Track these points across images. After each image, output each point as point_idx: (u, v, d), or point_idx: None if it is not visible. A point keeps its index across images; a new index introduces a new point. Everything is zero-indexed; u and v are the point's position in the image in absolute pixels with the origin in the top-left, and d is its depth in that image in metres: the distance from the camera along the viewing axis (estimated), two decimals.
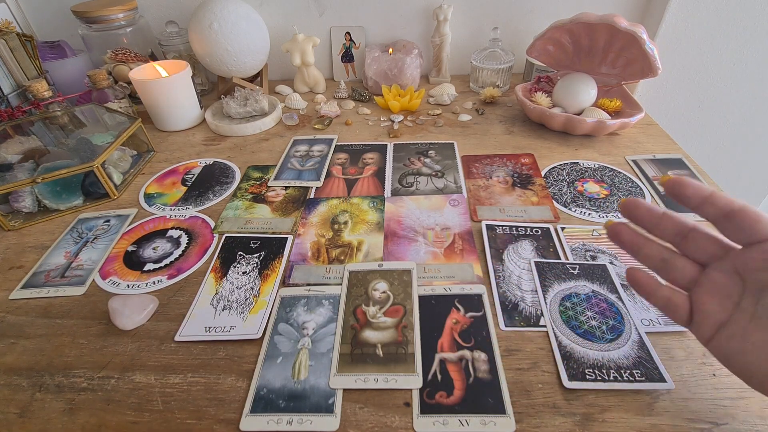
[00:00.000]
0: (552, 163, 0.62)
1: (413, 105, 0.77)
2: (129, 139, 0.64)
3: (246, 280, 0.46)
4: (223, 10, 0.73)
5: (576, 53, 0.69)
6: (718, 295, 0.28)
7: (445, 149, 0.66)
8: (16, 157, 0.59)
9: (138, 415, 0.34)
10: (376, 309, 0.41)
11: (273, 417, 0.33)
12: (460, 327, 0.39)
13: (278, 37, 0.88)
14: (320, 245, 0.50)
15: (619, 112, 0.67)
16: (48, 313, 0.44)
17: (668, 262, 0.30)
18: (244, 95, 0.76)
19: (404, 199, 0.56)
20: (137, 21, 0.83)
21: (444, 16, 0.82)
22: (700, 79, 0.87)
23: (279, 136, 0.74)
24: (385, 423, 0.33)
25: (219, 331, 0.40)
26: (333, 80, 0.94)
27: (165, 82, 0.71)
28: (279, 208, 0.56)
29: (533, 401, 0.34)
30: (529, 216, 0.52)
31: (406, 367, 0.36)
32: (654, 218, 0.30)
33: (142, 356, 0.39)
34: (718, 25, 0.80)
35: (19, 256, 0.51)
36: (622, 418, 0.32)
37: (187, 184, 0.62)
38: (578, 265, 0.45)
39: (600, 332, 0.38)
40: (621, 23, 0.57)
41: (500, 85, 0.82)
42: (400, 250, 0.48)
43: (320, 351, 0.38)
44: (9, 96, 0.71)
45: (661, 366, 0.35)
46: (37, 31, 0.90)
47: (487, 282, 0.44)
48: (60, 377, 0.38)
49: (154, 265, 0.49)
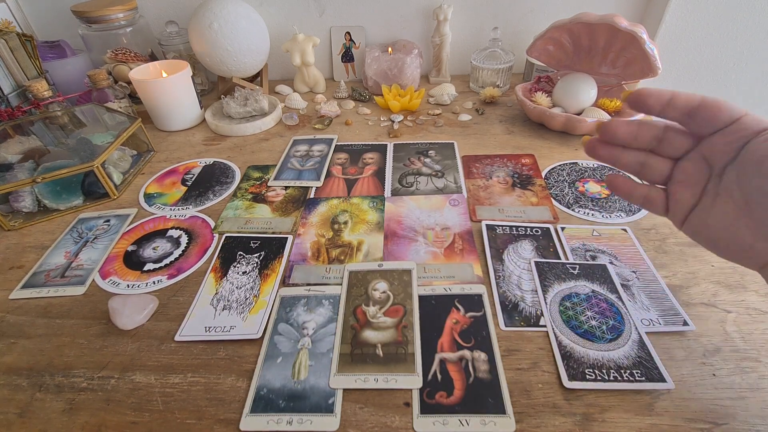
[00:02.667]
0: (552, 164, 0.62)
1: (413, 105, 0.77)
2: (129, 139, 0.64)
3: (246, 280, 0.46)
4: (223, 10, 0.73)
5: (576, 53, 0.69)
6: (688, 183, 0.30)
7: (445, 149, 0.66)
8: (16, 157, 0.59)
9: (138, 415, 0.34)
10: (376, 309, 0.41)
11: (273, 417, 0.33)
12: (460, 327, 0.39)
13: (278, 37, 0.88)
14: (320, 245, 0.50)
15: (619, 112, 0.67)
16: (48, 313, 0.44)
17: (645, 164, 0.32)
18: (244, 95, 0.76)
19: (404, 199, 0.56)
20: (137, 21, 0.83)
21: (444, 16, 0.82)
22: (700, 79, 0.87)
23: (279, 136, 0.74)
24: (385, 423, 0.33)
25: (219, 331, 0.40)
26: (333, 80, 0.94)
27: (165, 82, 0.71)
28: (279, 208, 0.56)
29: (533, 401, 0.34)
30: (528, 216, 0.52)
31: (406, 367, 0.36)
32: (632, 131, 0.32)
33: (142, 356, 0.39)
34: (718, 25, 0.80)
35: (19, 256, 0.51)
36: (622, 418, 0.32)
37: (187, 184, 0.62)
38: (578, 265, 0.45)
39: (600, 332, 0.38)
40: (621, 23, 0.57)
41: (500, 85, 0.82)
42: (400, 250, 0.48)
43: (320, 351, 0.38)
44: (9, 96, 0.71)
45: (661, 366, 0.35)
46: (37, 31, 0.90)
47: (487, 282, 0.44)
48: (60, 377, 0.38)
49: (154, 265, 0.49)
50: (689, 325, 0.38)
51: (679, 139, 0.31)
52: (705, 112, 0.28)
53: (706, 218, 0.29)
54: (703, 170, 0.30)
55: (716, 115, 0.28)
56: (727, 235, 0.28)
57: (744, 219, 0.27)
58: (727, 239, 0.29)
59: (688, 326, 0.38)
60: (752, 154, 0.26)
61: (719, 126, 0.28)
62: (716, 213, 0.29)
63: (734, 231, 0.28)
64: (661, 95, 0.30)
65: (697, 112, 0.29)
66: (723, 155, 0.28)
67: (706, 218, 0.29)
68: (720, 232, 0.29)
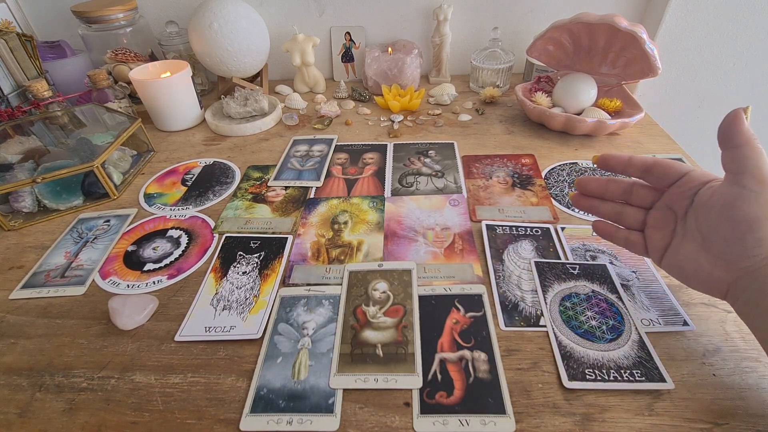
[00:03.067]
0: (552, 164, 0.62)
1: (413, 105, 0.77)
2: (129, 139, 0.64)
3: (246, 280, 0.46)
4: (223, 10, 0.73)
5: (576, 53, 0.69)
6: (660, 228, 0.37)
7: (445, 149, 0.66)
8: (16, 157, 0.59)
9: (138, 415, 0.34)
10: (376, 309, 0.41)
11: (273, 417, 0.33)
12: (460, 327, 0.39)
13: (278, 37, 0.88)
14: (320, 245, 0.50)
15: (619, 112, 0.67)
16: (48, 313, 0.44)
17: (621, 214, 0.40)
18: (244, 95, 0.76)
19: (404, 199, 0.56)
20: (137, 21, 0.83)
21: (444, 16, 0.82)
22: (700, 79, 0.87)
23: (279, 136, 0.74)
24: (385, 423, 0.33)
25: (219, 331, 0.40)
26: (333, 80, 0.94)
27: (165, 82, 0.71)
28: (279, 208, 0.56)
29: (533, 401, 0.34)
30: (528, 216, 0.52)
31: (406, 367, 0.36)
32: (602, 186, 0.40)
33: (142, 356, 0.39)
34: (718, 25, 0.80)
35: (19, 256, 0.51)
36: (622, 418, 0.32)
37: (187, 184, 0.62)
38: (578, 265, 0.45)
39: (600, 332, 0.38)
40: (621, 23, 0.57)
41: (500, 85, 0.82)
42: (400, 250, 0.48)
43: (320, 351, 0.38)
44: (9, 96, 0.70)
45: (661, 366, 0.35)
46: (37, 31, 0.90)
47: (487, 282, 0.44)
48: (60, 377, 0.38)
49: (154, 265, 0.49)
50: (689, 325, 0.38)
51: (644, 192, 0.38)
52: (658, 170, 0.36)
53: (677, 256, 0.35)
54: (669, 217, 0.36)
55: (667, 172, 0.35)
56: (693, 267, 0.34)
57: (704, 254, 0.33)
58: (693, 271, 0.34)
59: (688, 326, 0.38)
60: (700, 199, 0.33)
61: (672, 180, 0.35)
62: (683, 251, 0.34)
63: (697, 264, 0.33)
64: (620, 157, 0.38)
65: (652, 170, 0.36)
66: (681, 202, 0.35)
67: (676, 256, 0.35)
68: (687, 267, 0.34)
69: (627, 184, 0.39)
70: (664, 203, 0.36)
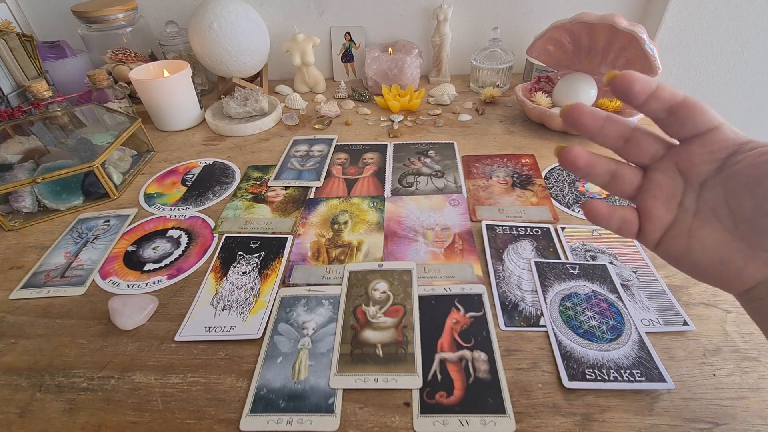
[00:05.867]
0: (552, 164, 0.62)
1: (413, 105, 0.77)
2: (129, 139, 0.64)
3: (246, 280, 0.46)
4: (223, 10, 0.73)
5: (576, 53, 0.69)
6: (662, 197, 0.28)
7: (445, 149, 0.66)
8: (16, 157, 0.59)
9: (138, 415, 0.34)
10: (376, 309, 0.41)
11: (273, 417, 0.33)
12: (460, 327, 0.39)
13: (278, 37, 0.88)
14: (320, 245, 0.50)
15: (619, 112, 0.67)
16: (48, 313, 0.44)
17: (616, 174, 0.29)
18: (244, 95, 0.76)
19: (404, 199, 0.56)
20: (137, 21, 0.83)
21: (444, 16, 0.82)
22: (700, 79, 0.87)
23: (279, 136, 0.74)
24: (385, 423, 0.33)
25: (219, 331, 0.40)
26: (333, 80, 0.94)
27: (165, 82, 0.71)
28: (279, 208, 0.56)
29: (533, 401, 0.34)
30: (528, 216, 0.52)
31: (406, 367, 0.36)
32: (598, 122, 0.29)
33: (142, 356, 0.39)
34: (718, 25, 0.80)
35: (19, 256, 0.51)
36: (622, 418, 0.32)
37: (187, 184, 0.62)
38: (578, 265, 0.45)
39: (600, 332, 0.38)
40: (621, 23, 0.57)
41: (500, 85, 0.82)
42: (400, 250, 0.48)
43: (320, 351, 0.38)
44: (9, 96, 0.71)
45: (661, 366, 0.35)
46: (37, 31, 0.90)
47: (487, 282, 0.44)
48: (60, 377, 0.38)
49: (154, 265, 0.49)
50: (689, 325, 0.38)
51: (648, 142, 0.28)
52: (687, 111, 0.25)
53: (688, 239, 0.27)
54: (676, 182, 0.27)
55: (697, 117, 0.25)
56: (713, 257, 0.26)
57: (734, 241, 0.25)
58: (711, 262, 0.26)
59: (688, 326, 0.38)
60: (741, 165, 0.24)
61: (698, 130, 0.26)
62: (700, 234, 0.26)
63: (720, 254, 0.25)
64: (648, 83, 0.26)
65: (679, 108, 0.26)
66: (702, 166, 0.26)
67: (687, 239, 0.27)
68: (703, 256, 0.26)
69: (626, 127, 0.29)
70: (672, 162, 0.27)
